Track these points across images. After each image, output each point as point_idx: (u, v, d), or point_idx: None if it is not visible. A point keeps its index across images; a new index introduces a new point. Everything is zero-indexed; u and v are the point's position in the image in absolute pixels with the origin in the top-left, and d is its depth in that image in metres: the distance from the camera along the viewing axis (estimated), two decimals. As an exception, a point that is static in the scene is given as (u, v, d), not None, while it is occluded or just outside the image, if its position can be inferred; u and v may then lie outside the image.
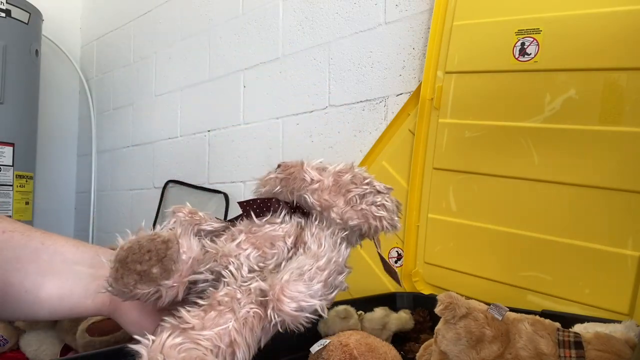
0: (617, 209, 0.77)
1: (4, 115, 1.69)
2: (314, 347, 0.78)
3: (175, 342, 0.30)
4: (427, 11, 1.06)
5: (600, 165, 0.79)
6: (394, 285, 1.08)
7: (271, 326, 0.33)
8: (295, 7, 1.36)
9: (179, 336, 0.30)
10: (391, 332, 0.89)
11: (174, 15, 1.79)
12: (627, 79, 0.76)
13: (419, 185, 1.02)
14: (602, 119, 0.79)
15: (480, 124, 0.93)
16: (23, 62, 1.75)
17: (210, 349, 0.30)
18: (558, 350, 0.58)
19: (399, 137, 1.07)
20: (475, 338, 0.64)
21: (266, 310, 0.32)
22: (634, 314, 0.74)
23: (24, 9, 1.73)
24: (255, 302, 0.33)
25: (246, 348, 0.32)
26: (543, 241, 0.84)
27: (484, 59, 0.92)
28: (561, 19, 0.83)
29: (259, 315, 0.33)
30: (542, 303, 0.84)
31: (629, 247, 0.75)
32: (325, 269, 0.34)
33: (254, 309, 0.33)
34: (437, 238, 1.00)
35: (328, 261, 0.35)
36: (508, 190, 0.89)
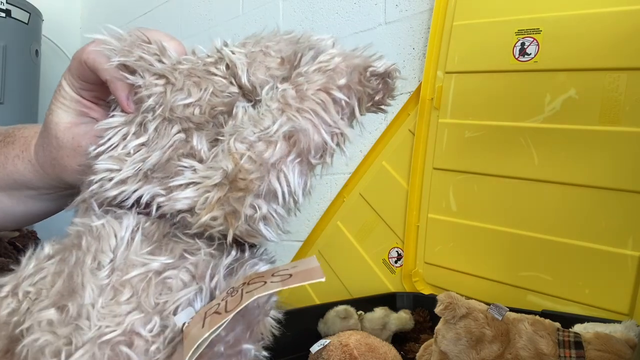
0: (617, 209, 0.77)
1: (4, 115, 1.68)
2: (314, 347, 0.78)
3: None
4: (427, 11, 1.06)
5: (600, 165, 0.79)
6: (394, 285, 1.08)
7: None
8: (295, 7, 1.36)
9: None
10: (391, 332, 0.89)
11: (174, 15, 1.79)
12: (627, 79, 0.76)
13: (419, 185, 1.02)
14: (602, 119, 0.79)
15: (480, 124, 0.93)
16: (23, 62, 1.75)
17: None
18: (558, 350, 0.58)
19: (399, 137, 1.07)
20: (475, 338, 0.65)
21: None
22: (634, 314, 0.74)
23: (24, 9, 1.73)
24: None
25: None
26: (543, 241, 0.84)
27: (484, 59, 0.92)
28: (561, 19, 0.83)
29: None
30: (542, 303, 0.84)
31: (629, 247, 0.75)
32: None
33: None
34: (437, 238, 1.00)
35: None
36: (508, 190, 0.89)
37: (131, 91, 0.34)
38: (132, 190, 0.31)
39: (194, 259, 0.29)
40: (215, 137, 0.32)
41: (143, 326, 0.26)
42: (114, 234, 0.30)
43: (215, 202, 0.28)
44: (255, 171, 0.27)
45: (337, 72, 0.30)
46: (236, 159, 0.28)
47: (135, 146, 0.32)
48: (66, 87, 0.38)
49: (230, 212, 0.28)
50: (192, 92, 0.32)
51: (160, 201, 0.30)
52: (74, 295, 0.28)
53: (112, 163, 0.33)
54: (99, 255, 0.29)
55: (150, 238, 0.30)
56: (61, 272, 0.29)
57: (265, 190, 0.28)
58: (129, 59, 0.33)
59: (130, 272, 0.28)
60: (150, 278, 0.28)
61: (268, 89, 0.32)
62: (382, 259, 1.10)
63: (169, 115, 0.32)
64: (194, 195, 0.29)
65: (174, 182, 0.30)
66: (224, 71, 0.33)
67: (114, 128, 0.34)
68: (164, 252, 0.29)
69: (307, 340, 0.81)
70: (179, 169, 0.31)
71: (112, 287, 0.28)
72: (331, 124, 0.29)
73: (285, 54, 0.33)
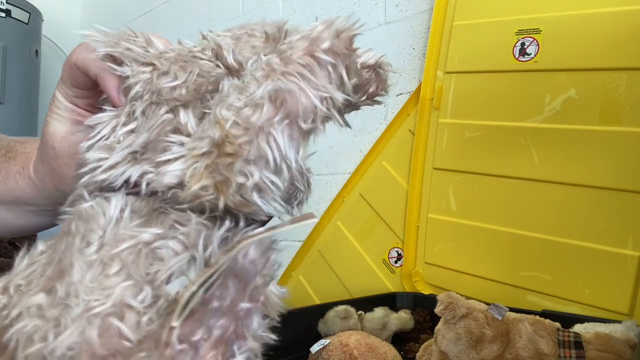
0: (617, 209, 0.77)
1: (4, 115, 1.69)
2: (314, 347, 0.78)
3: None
4: (427, 11, 1.06)
5: (600, 165, 0.79)
6: (394, 285, 1.08)
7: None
8: (295, 7, 1.36)
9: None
10: (391, 332, 0.89)
11: (174, 15, 1.79)
12: (627, 79, 0.76)
13: (419, 185, 1.02)
14: (602, 119, 0.79)
15: (480, 124, 0.93)
16: (23, 62, 1.75)
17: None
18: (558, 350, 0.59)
19: (399, 137, 1.07)
20: (475, 338, 0.65)
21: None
22: (634, 314, 0.74)
23: (24, 9, 1.73)
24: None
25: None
26: (543, 241, 0.84)
27: (484, 59, 0.92)
28: (561, 19, 0.83)
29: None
30: (542, 303, 0.84)
31: (629, 247, 0.75)
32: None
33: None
34: (437, 238, 1.00)
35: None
36: (508, 190, 0.89)
37: (120, 84, 0.34)
38: (120, 172, 0.31)
39: (186, 229, 0.28)
40: (203, 111, 0.32)
41: (134, 297, 0.25)
42: (102, 214, 0.29)
43: (203, 170, 0.28)
44: (242, 135, 0.27)
45: (321, 37, 0.29)
46: (222, 125, 0.27)
47: (124, 133, 0.32)
48: (59, 97, 0.38)
49: (221, 181, 0.27)
50: (179, 75, 0.32)
51: (149, 177, 0.30)
52: (63, 275, 0.27)
53: (101, 152, 0.32)
54: (87, 235, 0.28)
55: (140, 213, 0.30)
56: (52, 260, 0.29)
57: (255, 154, 0.27)
58: (115, 49, 0.33)
59: (120, 246, 0.27)
60: (140, 249, 0.27)
61: (252, 61, 0.32)
62: (382, 259, 1.10)
63: (156, 98, 0.32)
64: (183, 167, 0.29)
65: (162, 158, 0.30)
66: (210, 55, 0.33)
67: (104, 122, 0.34)
68: (154, 225, 0.29)
69: (307, 340, 0.81)
70: (166, 144, 0.30)
71: (101, 261, 0.27)
72: (319, 87, 0.28)
73: (270, 32, 0.33)
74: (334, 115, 0.29)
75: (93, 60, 0.34)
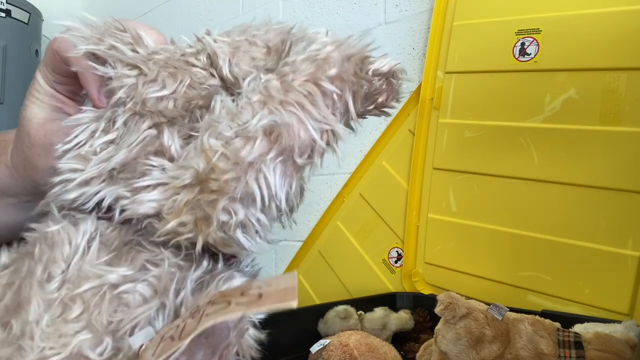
0: (617, 209, 0.77)
1: (4, 115, 1.69)
2: (314, 347, 0.78)
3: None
4: (427, 11, 1.06)
5: (600, 165, 0.79)
6: (394, 285, 1.08)
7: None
8: (295, 7, 1.36)
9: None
10: (391, 332, 0.89)
11: (174, 15, 1.79)
12: (627, 79, 0.76)
13: (419, 185, 1.02)
14: (602, 119, 0.79)
15: (480, 124, 0.93)
16: (23, 62, 1.75)
17: None
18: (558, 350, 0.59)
19: (399, 137, 1.07)
20: (475, 338, 0.65)
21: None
22: (634, 314, 0.74)
23: (24, 9, 1.73)
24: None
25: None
26: (543, 241, 0.84)
27: (484, 59, 0.92)
28: (561, 19, 0.83)
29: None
30: (542, 303, 0.84)
31: (629, 247, 0.75)
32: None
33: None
34: (437, 238, 1.00)
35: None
36: (508, 190, 0.89)
37: (103, 84, 0.31)
38: (95, 191, 0.28)
39: (157, 270, 0.26)
40: (189, 133, 0.28)
41: (92, 348, 0.23)
42: (68, 241, 0.26)
43: (183, 205, 0.25)
44: (230, 171, 0.24)
45: (328, 61, 0.26)
46: (209, 156, 0.24)
47: (102, 144, 0.29)
48: (40, 80, 0.35)
49: (202, 217, 0.24)
50: (167, 83, 0.29)
51: (124, 204, 0.27)
52: (19, 310, 0.25)
53: (76, 162, 0.29)
54: (49, 266, 0.26)
55: (109, 246, 0.27)
56: (12, 283, 0.27)
57: (242, 192, 0.24)
58: (98, 47, 0.30)
59: (83, 285, 0.25)
60: (104, 292, 0.25)
61: (250, 79, 0.28)
62: (382, 259, 1.10)
63: (140, 109, 0.29)
64: (161, 198, 0.26)
65: (140, 183, 0.27)
66: (204, 62, 0.30)
67: (82, 124, 0.31)
68: (123, 263, 0.26)
69: (307, 340, 0.81)
70: (146, 168, 0.27)
71: (61, 301, 0.24)
72: (320, 119, 0.25)
73: (272, 42, 0.29)
74: (334, 150, 0.27)
75: (73, 55, 0.32)
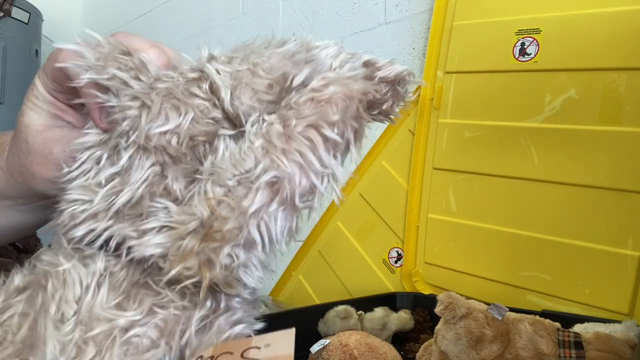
0: (617, 209, 0.77)
1: (4, 115, 1.69)
2: (314, 347, 0.78)
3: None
4: (427, 11, 1.06)
5: (600, 165, 0.79)
6: (394, 285, 1.08)
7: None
8: (295, 7, 1.36)
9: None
10: (391, 332, 0.89)
11: (173, 16, 1.79)
12: (627, 79, 0.76)
13: (419, 185, 1.02)
14: (602, 119, 0.79)
15: (480, 124, 0.93)
16: (23, 62, 1.75)
17: None
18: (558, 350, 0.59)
19: (399, 137, 1.07)
20: (475, 338, 0.65)
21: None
22: (634, 314, 0.74)
23: (24, 9, 1.73)
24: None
25: None
26: (543, 241, 0.84)
27: (484, 59, 0.92)
28: (561, 19, 0.83)
29: None
30: (542, 303, 0.84)
31: (629, 247, 0.75)
32: None
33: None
34: (437, 238, 1.00)
35: None
36: (508, 190, 0.89)
37: (104, 109, 0.32)
38: (103, 228, 0.29)
39: (164, 313, 0.27)
40: (193, 173, 0.29)
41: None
42: (79, 282, 0.28)
43: (189, 251, 0.26)
44: (233, 220, 0.25)
45: (332, 103, 0.26)
46: (212, 205, 0.26)
47: (108, 176, 0.30)
48: (39, 86, 0.35)
49: (205, 262, 0.26)
50: (170, 117, 0.29)
51: (131, 245, 0.28)
52: (36, 349, 0.26)
53: (82, 193, 0.31)
54: (62, 306, 0.27)
55: (118, 288, 0.28)
56: (27, 314, 0.28)
57: (244, 239, 0.25)
58: (101, 76, 0.31)
59: (95, 329, 0.26)
60: (115, 336, 0.26)
61: (253, 120, 0.28)
62: (382, 259, 1.10)
63: (144, 143, 0.29)
64: (167, 242, 0.27)
65: (146, 225, 0.28)
66: (207, 92, 0.30)
67: (88, 149, 0.32)
68: (132, 306, 0.28)
69: (307, 340, 0.81)
70: (152, 209, 0.28)
71: (75, 344, 0.26)
72: (320, 166, 0.26)
73: (275, 74, 0.29)
74: (334, 190, 0.28)
75: (76, 79, 0.32)
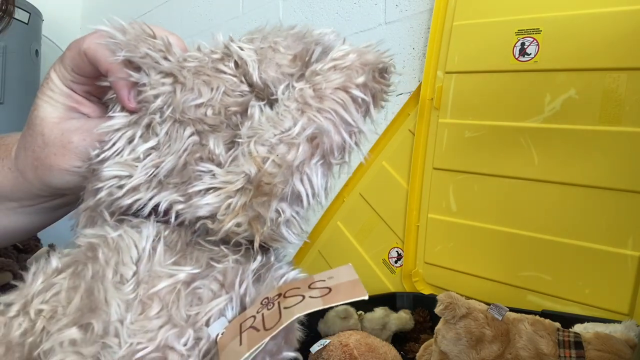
0: (617, 209, 0.77)
1: (4, 115, 1.69)
2: (314, 347, 0.78)
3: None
4: (427, 11, 1.06)
5: (600, 165, 0.79)
6: (394, 285, 1.08)
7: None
8: (295, 7, 1.36)
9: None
10: (391, 332, 0.89)
11: (174, 16, 1.79)
12: (627, 79, 0.76)
13: (419, 185, 1.02)
14: (602, 119, 0.79)
15: (480, 124, 0.93)
16: (23, 62, 1.75)
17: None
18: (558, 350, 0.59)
19: (399, 137, 1.07)
20: (475, 338, 0.65)
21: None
22: (634, 314, 0.74)
23: (24, 9, 1.73)
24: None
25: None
26: (543, 241, 0.84)
27: (484, 59, 0.92)
28: (561, 19, 0.83)
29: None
30: (542, 303, 0.84)
31: (629, 247, 0.75)
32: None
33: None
34: (437, 238, 1.00)
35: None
36: (508, 190, 0.89)
37: (133, 88, 0.33)
38: (148, 197, 0.30)
39: (222, 266, 0.28)
40: (231, 139, 0.31)
41: (177, 340, 0.25)
42: (134, 245, 0.28)
43: (239, 208, 0.27)
44: (278, 174, 0.27)
45: (354, 69, 0.29)
46: (259, 162, 0.27)
47: (145, 150, 0.31)
48: (55, 79, 0.35)
49: (255, 217, 0.27)
50: (203, 91, 0.31)
51: (180, 208, 0.29)
52: (98, 311, 0.26)
53: (120, 169, 0.31)
54: (120, 268, 0.28)
55: (174, 248, 0.29)
56: (77, 287, 0.28)
57: (289, 193, 0.27)
58: (134, 54, 0.32)
59: (157, 285, 0.27)
60: (179, 290, 0.27)
61: (284, 88, 0.31)
62: (382, 259, 1.10)
63: (180, 116, 0.30)
64: (216, 202, 0.28)
65: (193, 189, 0.29)
66: (232, 69, 0.31)
67: (117, 131, 0.32)
68: (189, 262, 0.28)
69: (307, 340, 0.81)
70: (197, 174, 0.29)
71: (140, 301, 0.27)
72: (351, 123, 0.28)
73: (296, 50, 0.32)
74: (360, 149, 0.30)
75: (109, 60, 0.32)
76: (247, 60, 0.31)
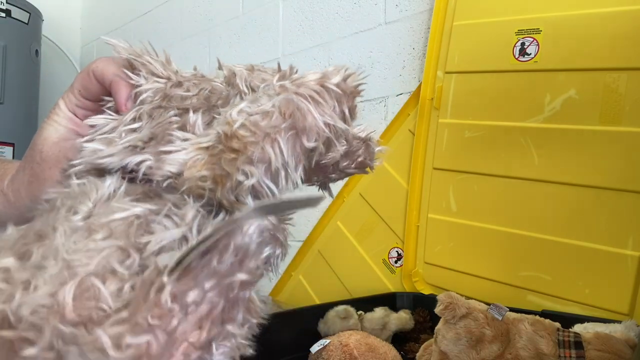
0: (617, 209, 0.77)
1: (4, 115, 1.69)
2: (314, 347, 0.78)
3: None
4: (427, 11, 1.06)
5: (600, 165, 0.79)
6: (394, 285, 1.08)
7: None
8: (295, 7, 1.36)
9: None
10: (391, 332, 0.89)
11: (174, 15, 1.79)
12: (627, 79, 0.76)
13: (419, 185, 1.02)
14: (602, 119, 0.79)
15: (480, 124, 0.93)
16: (23, 62, 1.75)
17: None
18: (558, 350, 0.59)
19: (399, 137, 1.07)
20: (475, 338, 0.65)
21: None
22: (634, 314, 0.74)
23: (24, 9, 1.73)
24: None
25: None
26: (543, 241, 0.84)
27: (484, 59, 0.92)
28: (561, 19, 0.83)
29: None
30: (542, 303, 0.84)
31: (629, 247, 0.75)
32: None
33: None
34: (437, 238, 1.00)
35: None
36: (508, 190, 0.89)
37: (131, 93, 0.35)
38: (119, 159, 0.31)
39: (181, 210, 0.27)
40: (211, 118, 0.32)
41: (120, 262, 0.24)
42: (95, 190, 0.28)
43: (206, 161, 0.28)
44: (249, 135, 0.27)
45: (331, 74, 0.31)
46: (231, 124, 0.28)
47: (127, 130, 0.32)
48: (62, 105, 0.38)
49: (220, 174, 0.27)
50: (191, 89, 0.33)
51: (148, 165, 0.29)
52: (42, 239, 0.25)
53: (100, 144, 0.32)
54: (76, 206, 0.27)
55: (134, 193, 0.29)
56: (27, 234, 0.27)
57: (258, 155, 0.27)
58: (137, 58, 0.35)
59: (110, 216, 0.26)
60: (131, 221, 0.26)
61: (265, 85, 0.33)
62: (382, 259, 1.10)
63: (165, 104, 0.33)
64: (185, 157, 0.28)
65: (164, 148, 0.30)
66: (222, 81, 0.35)
67: (104, 123, 0.34)
68: (149, 202, 0.28)
69: (307, 340, 0.81)
70: (171, 137, 0.30)
71: (88, 228, 0.25)
72: (325, 113, 0.29)
73: (280, 69, 0.35)
74: (333, 143, 0.31)
75: (112, 68, 0.35)
76: (236, 71, 0.35)
